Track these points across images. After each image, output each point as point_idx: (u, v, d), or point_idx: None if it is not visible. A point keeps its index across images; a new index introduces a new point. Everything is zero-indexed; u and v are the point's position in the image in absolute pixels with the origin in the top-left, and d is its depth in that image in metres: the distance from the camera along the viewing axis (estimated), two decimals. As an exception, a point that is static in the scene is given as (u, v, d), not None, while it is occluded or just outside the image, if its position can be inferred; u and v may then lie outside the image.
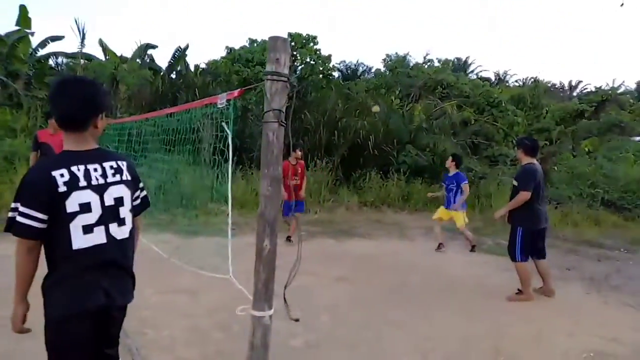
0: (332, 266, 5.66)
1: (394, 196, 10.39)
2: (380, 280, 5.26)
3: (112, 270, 1.89)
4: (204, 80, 13.44)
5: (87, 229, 1.79)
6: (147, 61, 15.09)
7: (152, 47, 15.25)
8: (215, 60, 15.81)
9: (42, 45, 13.79)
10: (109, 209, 1.85)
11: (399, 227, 8.49)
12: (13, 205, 1.75)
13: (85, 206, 1.79)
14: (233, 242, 2.78)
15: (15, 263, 1.78)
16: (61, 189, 1.74)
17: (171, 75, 14.87)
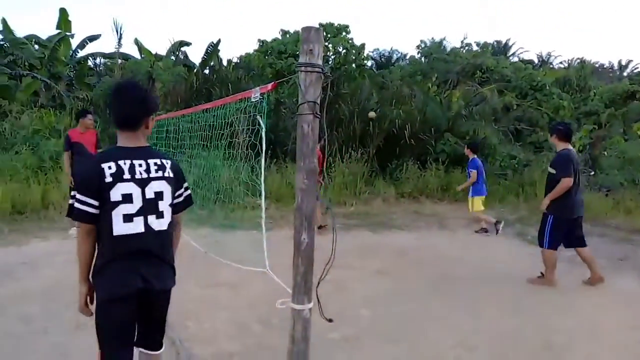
0: (370, 259, 5.59)
1: (433, 186, 10.15)
2: (420, 274, 5.13)
3: (149, 258, 2.02)
4: (237, 74, 13.54)
5: (127, 218, 1.95)
6: (181, 58, 15.40)
7: (186, 44, 15.55)
8: (249, 53, 15.90)
9: (81, 47, 14.29)
10: (149, 201, 1.99)
11: (439, 219, 8.28)
12: (72, 193, 1.97)
13: (128, 197, 1.95)
14: (270, 236, 2.76)
15: (77, 246, 1.99)
16: (107, 179, 1.92)
17: (205, 71, 15.09)
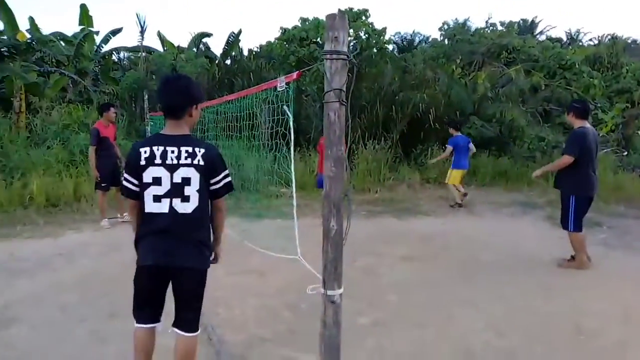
0: (397, 245, 5.58)
1: (458, 171, 10.00)
2: (448, 259, 5.10)
3: (170, 237, 2.21)
4: (258, 63, 13.54)
5: (156, 199, 2.18)
6: (203, 50, 15.50)
7: (207, 35, 15.64)
8: (270, 42, 15.86)
9: (105, 41, 14.51)
10: (176, 185, 2.17)
11: (466, 203, 8.16)
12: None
13: (157, 180, 2.17)
14: (294, 224, 2.79)
15: None
16: (142, 162, 2.18)
17: (226, 62, 15.16)
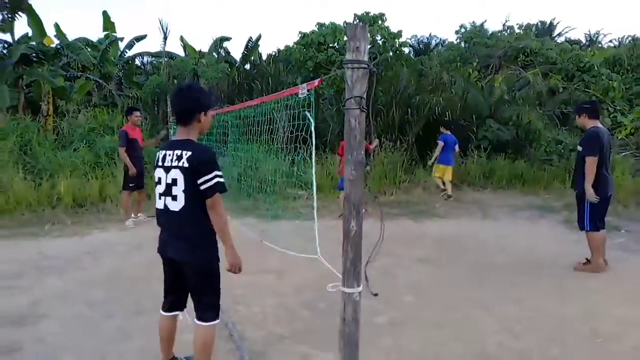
0: (413, 247, 5.64)
1: (475, 174, 9.99)
2: (464, 261, 5.14)
3: (169, 232, 2.52)
4: (277, 67, 13.71)
5: (159, 197, 2.49)
6: (223, 54, 15.78)
7: (226, 39, 15.92)
8: (288, 46, 16.05)
9: (129, 47, 14.96)
10: (168, 185, 2.43)
11: (481, 207, 8.17)
12: None
13: (159, 180, 2.49)
14: (313, 225, 2.89)
15: None
16: (154, 164, 2.53)
17: (245, 66, 15.39)
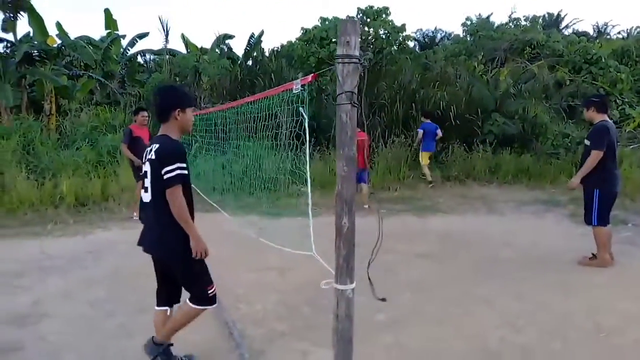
0: (415, 243, 5.60)
1: (480, 169, 9.89)
2: (467, 257, 5.10)
3: (145, 223, 2.75)
4: (279, 64, 13.67)
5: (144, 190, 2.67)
6: (225, 51, 15.75)
7: (229, 37, 15.89)
8: (291, 42, 16.00)
9: (131, 44, 14.92)
10: (144, 178, 2.63)
11: (487, 202, 8.09)
12: None
13: (145, 173, 2.64)
14: (315, 222, 2.87)
15: None
16: (144, 159, 2.68)
17: (247, 63, 15.37)
